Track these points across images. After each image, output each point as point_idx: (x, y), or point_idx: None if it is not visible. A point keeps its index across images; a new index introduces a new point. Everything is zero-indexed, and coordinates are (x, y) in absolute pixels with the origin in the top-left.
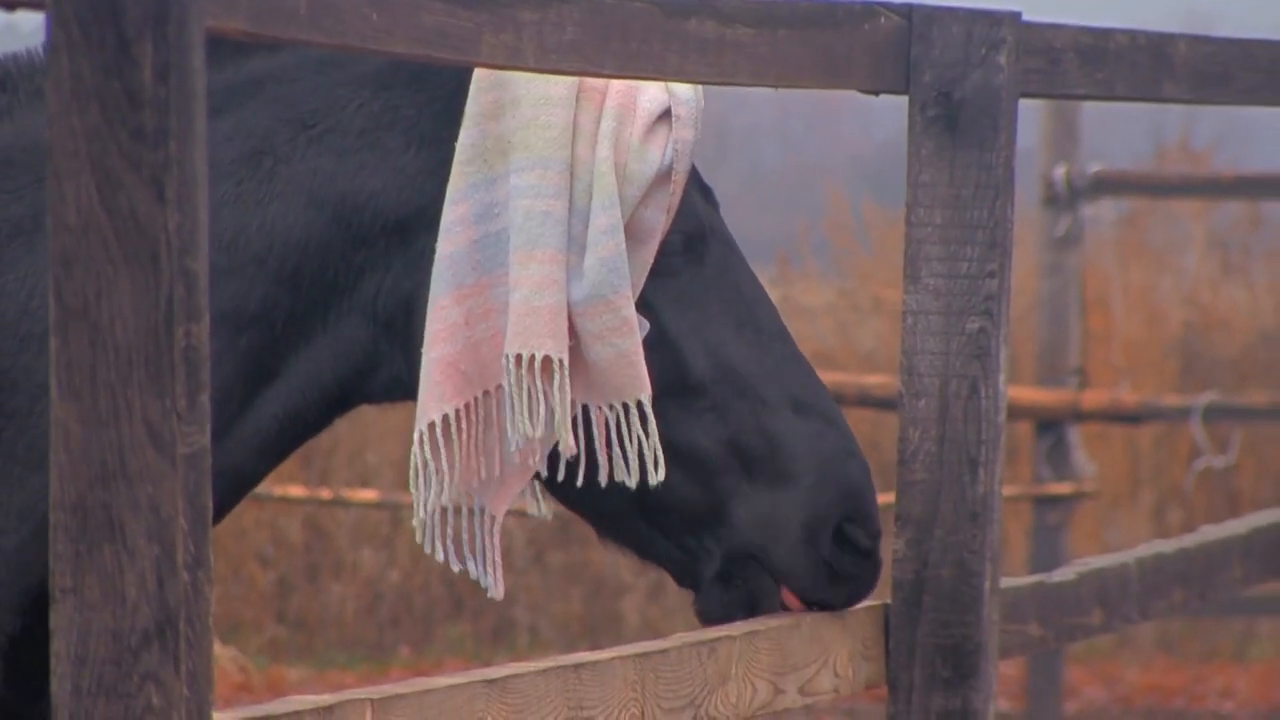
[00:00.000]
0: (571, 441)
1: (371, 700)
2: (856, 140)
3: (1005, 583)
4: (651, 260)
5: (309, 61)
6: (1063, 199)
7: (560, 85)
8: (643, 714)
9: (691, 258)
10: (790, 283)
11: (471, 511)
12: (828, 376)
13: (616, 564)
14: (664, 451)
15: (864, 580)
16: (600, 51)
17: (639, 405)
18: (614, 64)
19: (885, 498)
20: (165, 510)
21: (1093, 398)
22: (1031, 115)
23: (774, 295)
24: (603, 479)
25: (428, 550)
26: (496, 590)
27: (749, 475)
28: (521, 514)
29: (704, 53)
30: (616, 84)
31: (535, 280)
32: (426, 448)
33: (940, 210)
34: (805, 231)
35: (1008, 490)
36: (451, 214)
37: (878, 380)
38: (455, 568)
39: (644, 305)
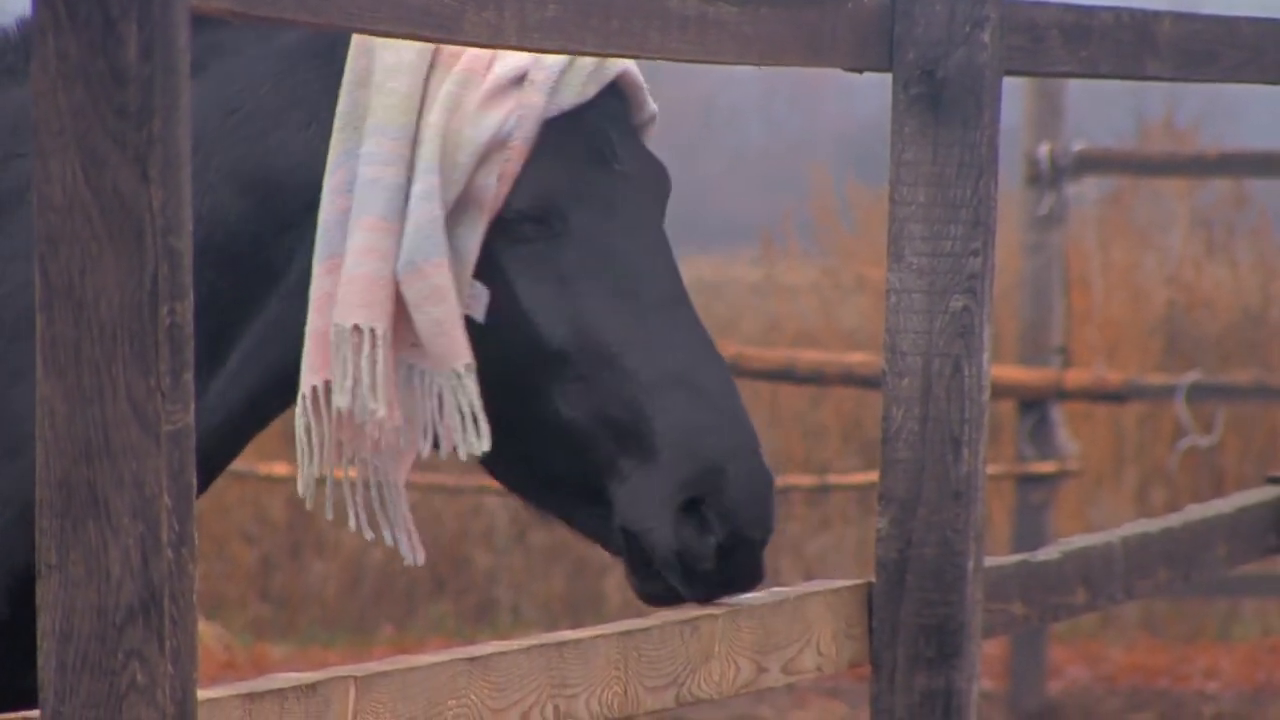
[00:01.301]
0: (381, 412)
1: (355, 678)
2: (839, 118)
3: (989, 562)
4: (486, 227)
5: (249, 30)
6: (1046, 177)
7: (410, 52)
8: (625, 692)
9: (544, 225)
10: (774, 262)
11: (380, 483)
12: (811, 355)
13: None
14: (534, 425)
15: (715, 579)
16: (581, 29)
17: (460, 374)
18: (595, 41)
19: (869, 476)
20: (149, 488)
21: (1076, 376)
22: (1015, 93)
23: (757, 275)
24: (444, 450)
25: (310, 507)
26: (416, 557)
27: (621, 450)
28: (506, 493)
29: (686, 30)
30: (474, 50)
31: (357, 248)
32: (301, 420)
33: (924, 189)
34: (790, 211)
35: (991, 469)
36: (329, 183)
37: (861, 359)
38: (369, 536)
39: (494, 273)
